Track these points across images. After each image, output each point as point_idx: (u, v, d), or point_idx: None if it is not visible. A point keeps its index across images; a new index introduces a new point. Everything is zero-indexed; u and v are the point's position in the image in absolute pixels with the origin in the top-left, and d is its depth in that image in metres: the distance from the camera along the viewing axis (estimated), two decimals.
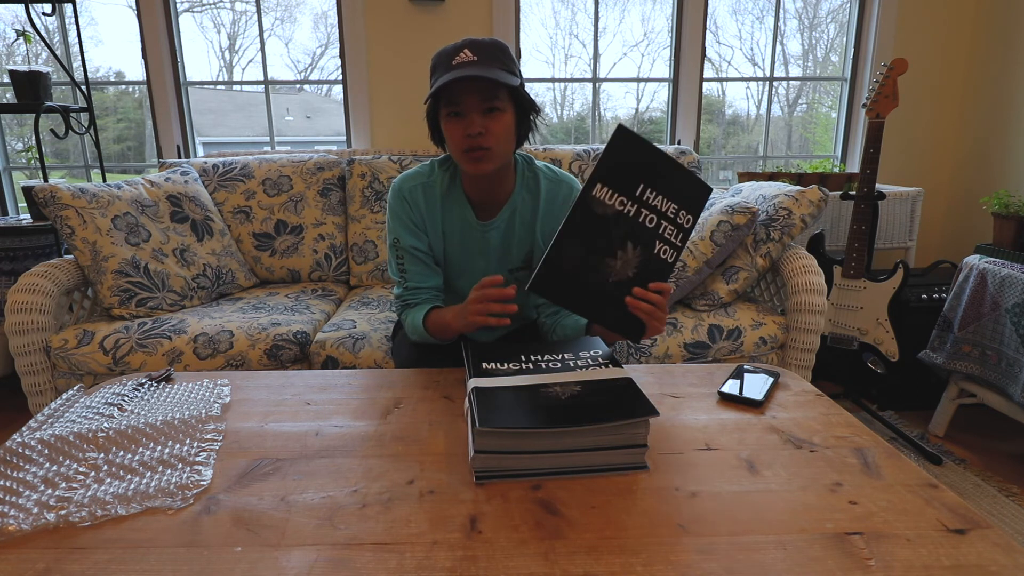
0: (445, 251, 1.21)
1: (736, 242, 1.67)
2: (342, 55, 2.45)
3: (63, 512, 0.63)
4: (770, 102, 2.73)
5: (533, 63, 4.06)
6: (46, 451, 0.73)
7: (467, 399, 0.78)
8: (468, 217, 1.18)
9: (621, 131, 0.85)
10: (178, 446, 0.76)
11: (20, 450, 0.72)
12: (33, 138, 2.10)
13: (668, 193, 0.89)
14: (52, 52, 2.23)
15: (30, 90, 2.11)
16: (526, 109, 1.11)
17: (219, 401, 0.90)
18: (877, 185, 2.31)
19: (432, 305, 1.16)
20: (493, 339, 1.31)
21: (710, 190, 0.92)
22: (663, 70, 2.65)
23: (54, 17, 2.47)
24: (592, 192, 0.86)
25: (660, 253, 0.91)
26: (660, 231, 0.90)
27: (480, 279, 0.98)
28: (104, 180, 2.33)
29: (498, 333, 1.32)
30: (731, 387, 0.94)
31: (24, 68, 2.10)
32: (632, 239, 0.89)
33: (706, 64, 2.54)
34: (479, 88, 1.02)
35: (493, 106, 1.03)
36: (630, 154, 0.86)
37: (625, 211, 0.88)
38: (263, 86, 2.60)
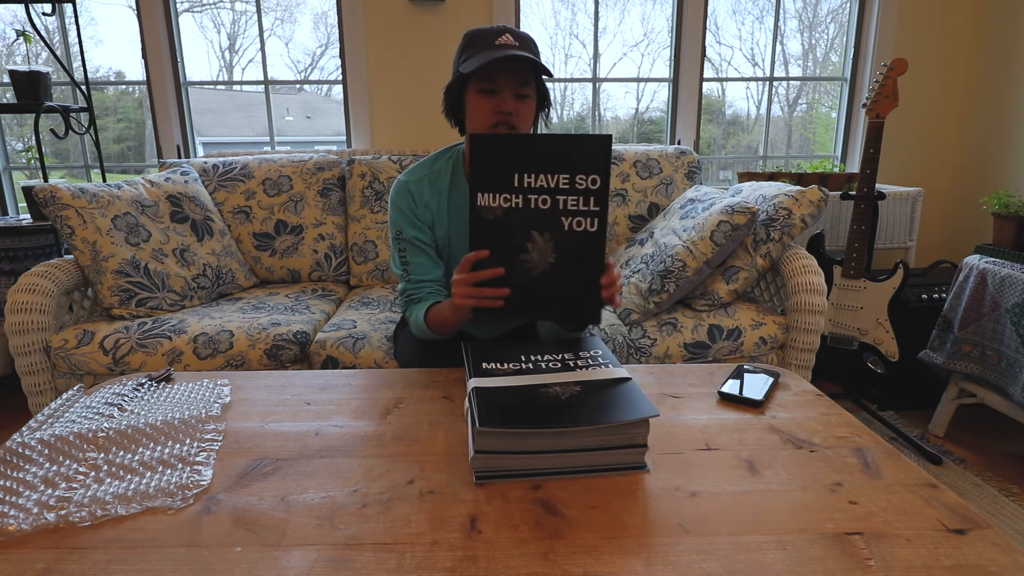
0: (450, 240, 1.22)
1: (736, 242, 1.67)
2: (342, 55, 2.45)
3: (63, 512, 0.63)
4: (770, 102, 2.73)
5: None
6: (46, 451, 0.73)
7: (467, 399, 0.78)
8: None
9: (475, 139, 0.88)
10: (178, 446, 0.76)
11: (20, 450, 0.72)
12: (33, 138, 2.10)
13: (550, 168, 0.87)
14: (52, 52, 2.23)
15: (30, 90, 2.11)
16: (544, 101, 1.16)
17: (219, 401, 0.90)
18: (877, 185, 2.31)
19: (434, 300, 1.16)
20: (493, 337, 1.32)
21: (608, 138, 0.86)
22: (663, 70, 2.65)
23: (54, 17, 2.47)
24: (477, 203, 0.89)
25: (574, 226, 0.89)
26: (560, 206, 0.89)
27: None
28: (104, 180, 2.33)
29: (498, 331, 1.32)
30: (731, 387, 0.94)
31: (24, 68, 2.10)
32: (535, 227, 0.90)
33: (706, 64, 2.54)
34: (517, 71, 1.07)
35: (524, 92, 1.09)
36: (494, 155, 0.88)
37: (512, 205, 0.89)
38: (263, 86, 2.60)
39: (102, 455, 0.73)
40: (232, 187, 2.13)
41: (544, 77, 1.12)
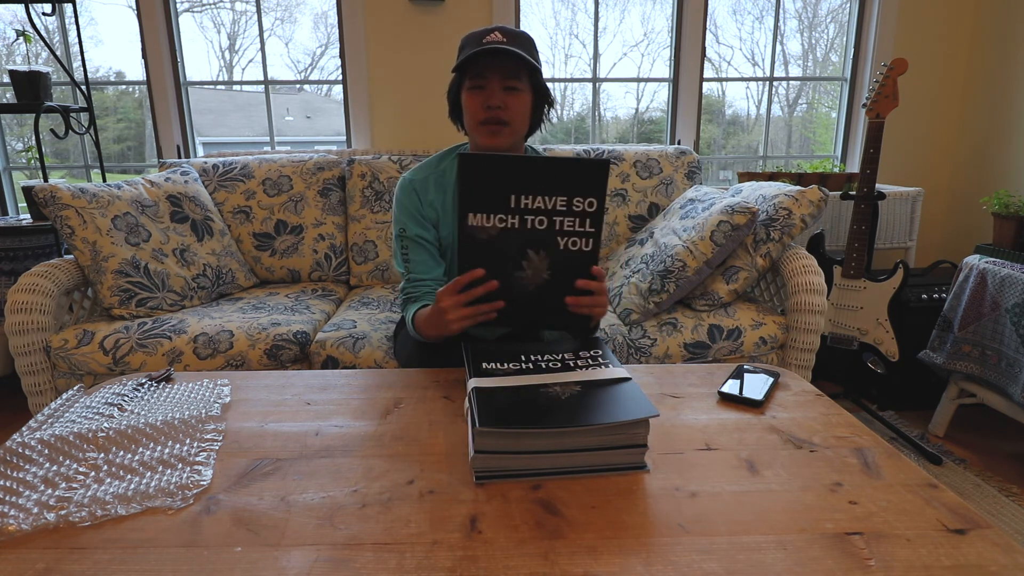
0: (455, 240, 1.21)
1: (736, 242, 1.67)
2: (342, 55, 2.45)
3: (63, 512, 0.63)
4: (770, 102, 2.73)
5: None
6: (46, 451, 0.73)
7: (467, 399, 0.78)
8: None
9: (463, 160, 0.87)
10: (178, 446, 0.76)
11: (20, 450, 0.72)
12: (33, 138, 2.10)
13: (548, 190, 0.88)
14: (52, 52, 2.23)
15: (30, 90, 2.11)
16: (542, 98, 1.15)
17: (219, 401, 0.90)
18: (877, 185, 2.31)
19: (426, 302, 1.16)
20: (493, 338, 1.32)
21: (606, 164, 0.88)
22: (663, 70, 2.65)
23: (54, 17, 2.47)
24: (467, 223, 0.88)
25: (569, 246, 0.91)
26: (556, 227, 0.89)
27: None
28: (104, 180, 2.33)
29: (499, 332, 1.32)
30: (731, 387, 0.94)
31: (24, 68, 2.10)
32: (530, 246, 0.90)
33: (706, 64, 2.54)
34: (503, 65, 1.06)
35: (514, 85, 1.08)
36: (486, 175, 0.87)
37: (507, 225, 0.89)
38: (263, 86, 2.60)
39: (102, 455, 0.73)
40: (232, 187, 2.13)
41: (543, 74, 1.12)
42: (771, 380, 0.97)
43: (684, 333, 1.66)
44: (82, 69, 2.28)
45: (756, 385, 0.95)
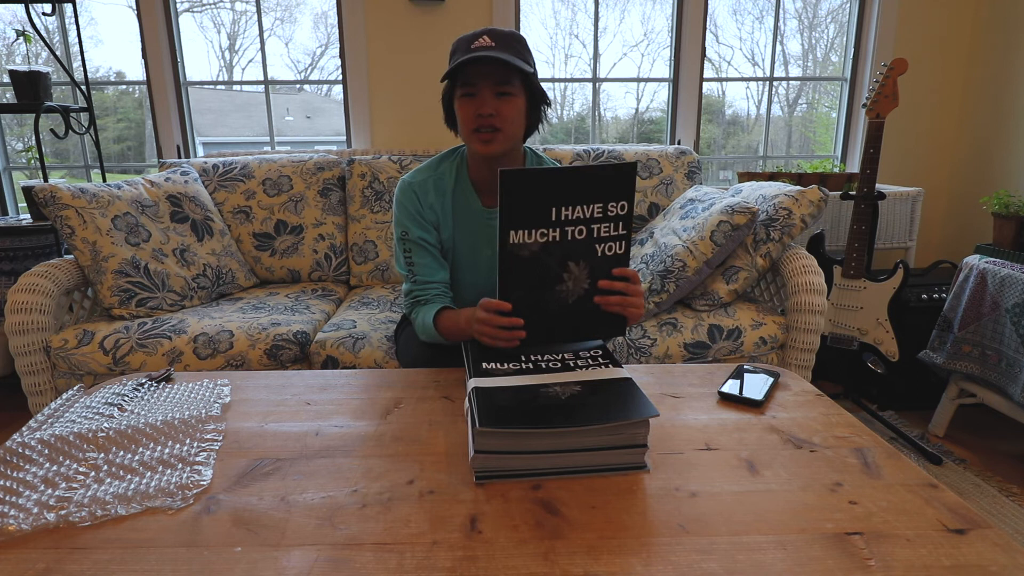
0: (455, 243, 1.21)
1: (736, 242, 1.67)
2: (342, 55, 2.45)
3: (63, 512, 0.63)
4: (770, 102, 2.73)
5: None
6: (46, 451, 0.73)
7: (467, 399, 0.78)
8: (474, 205, 1.19)
9: (504, 175, 0.85)
10: (178, 446, 0.76)
11: (20, 450, 0.72)
12: (33, 138, 2.10)
13: (585, 199, 0.87)
14: (52, 52, 2.23)
15: (30, 90, 2.11)
16: (537, 99, 1.13)
17: (219, 401, 0.90)
18: (877, 185, 2.31)
19: (442, 304, 1.15)
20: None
21: (633, 166, 0.88)
22: (663, 70, 2.65)
23: (54, 17, 2.47)
24: (509, 241, 0.87)
25: (605, 251, 0.90)
26: (595, 235, 0.89)
27: (485, 271, 0.98)
28: (104, 180, 2.33)
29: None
30: (731, 387, 0.94)
31: (24, 68, 2.10)
32: (571, 258, 0.90)
33: (706, 64, 2.54)
34: (493, 71, 1.05)
35: (505, 90, 1.06)
36: (526, 190, 0.86)
37: (549, 240, 0.88)
38: (263, 86, 2.60)
39: (102, 455, 0.73)
40: (232, 187, 2.13)
41: (538, 74, 1.11)
42: (771, 380, 0.97)
43: (684, 333, 1.66)
44: (82, 69, 2.28)
45: (756, 385, 0.95)
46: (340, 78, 2.49)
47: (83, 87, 2.31)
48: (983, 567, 0.56)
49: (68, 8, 2.46)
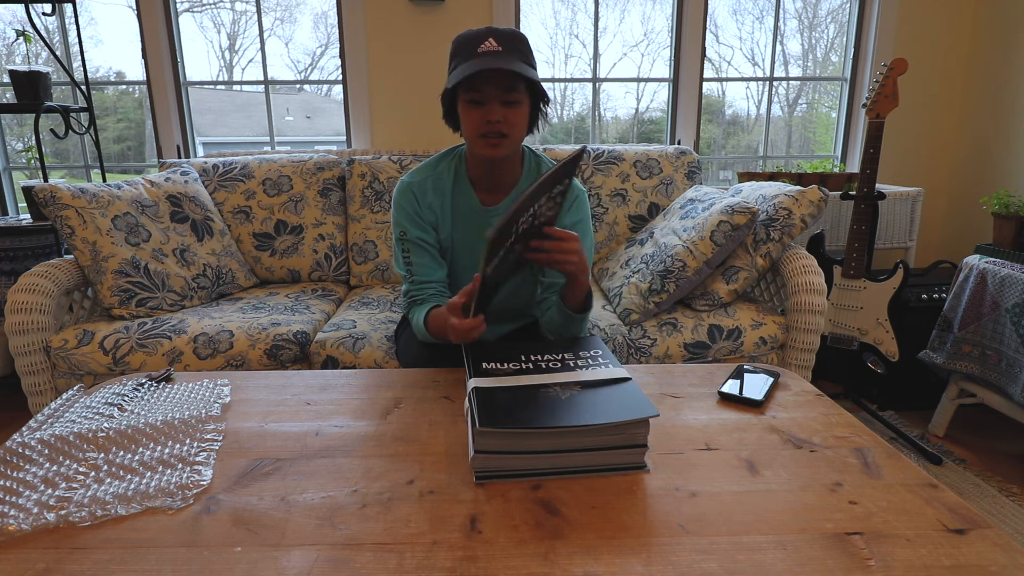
0: (454, 242, 1.22)
1: (736, 242, 1.67)
2: (342, 55, 2.45)
3: (63, 512, 0.63)
4: (770, 102, 2.73)
5: None
6: (46, 451, 0.73)
7: (467, 399, 0.78)
8: (473, 203, 1.19)
9: (489, 240, 0.84)
10: (178, 446, 0.76)
11: (20, 450, 0.72)
12: (33, 138, 2.10)
13: (540, 198, 0.88)
14: (52, 52, 2.23)
15: (30, 90, 2.11)
16: (539, 99, 1.14)
17: (219, 401, 0.90)
18: (877, 185, 2.31)
19: (434, 304, 1.16)
20: (494, 339, 1.32)
21: (582, 151, 0.91)
22: (663, 70, 2.65)
23: (54, 17, 2.47)
24: (487, 271, 0.88)
25: (546, 223, 0.95)
26: (540, 218, 0.92)
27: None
28: (104, 180, 2.33)
29: (500, 332, 1.32)
30: (731, 387, 0.94)
31: (24, 68, 2.10)
32: (521, 243, 0.93)
33: (706, 64, 2.54)
34: (501, 80, 1.05)
35: (512, 98, 1.07)
36: (500, 238, 0.86)
37: (509, 245, 0.89)
38: (263, 86, 2.60)
39: (102, 455, 0.73)
40: (232, 187, 2.13)
41: (539, 73, 1.11)
42: (771, 380, 0.97)
43: (684, 333, 1.66)
44: (82, 69, 2.28)
45: (756, 385, 0.95)
46: (340, 78, 2.49)
47: (83, 87, 2.31)
48: (983, 567, 0.56)
49: (68, 8, 2.46)
